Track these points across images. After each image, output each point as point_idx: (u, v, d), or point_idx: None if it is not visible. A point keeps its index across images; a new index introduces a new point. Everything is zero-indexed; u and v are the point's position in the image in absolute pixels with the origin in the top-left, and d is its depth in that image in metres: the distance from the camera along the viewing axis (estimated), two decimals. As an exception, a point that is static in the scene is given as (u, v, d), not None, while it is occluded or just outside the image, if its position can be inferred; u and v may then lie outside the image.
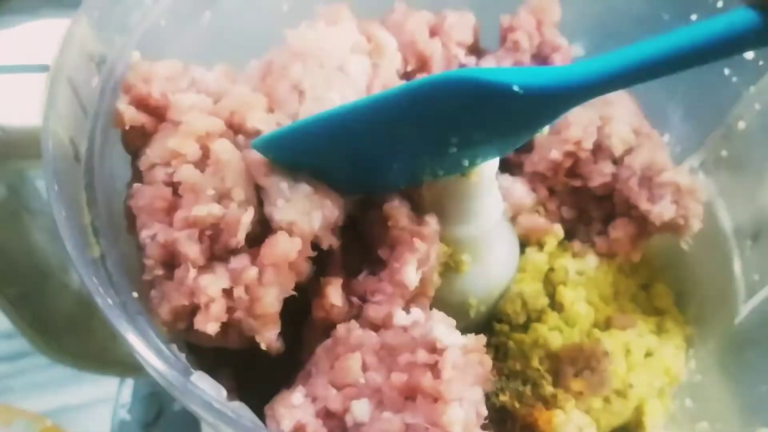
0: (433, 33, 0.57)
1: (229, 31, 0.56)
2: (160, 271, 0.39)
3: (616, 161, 0.55)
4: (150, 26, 0.48)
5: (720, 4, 0.54)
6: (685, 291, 0.59)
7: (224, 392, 0.34)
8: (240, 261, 0.39)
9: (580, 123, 0.54)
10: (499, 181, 0.56)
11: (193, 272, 0.38)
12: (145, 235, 0.39)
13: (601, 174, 0.55)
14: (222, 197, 0.40)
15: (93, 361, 0.64)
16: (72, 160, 0.40)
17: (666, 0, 0.57)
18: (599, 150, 0.55)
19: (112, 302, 0.34)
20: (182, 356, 0.37)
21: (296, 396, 0.39)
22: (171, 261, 0.39)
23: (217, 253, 0.39)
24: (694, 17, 0.56)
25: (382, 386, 0.38)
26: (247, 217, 0.39)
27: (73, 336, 0.63)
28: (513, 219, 0.58)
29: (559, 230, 0.57)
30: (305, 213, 0.41)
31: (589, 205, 0.57)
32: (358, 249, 0.46)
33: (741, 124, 0.55)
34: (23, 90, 0.42)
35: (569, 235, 0.58)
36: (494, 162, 0.49)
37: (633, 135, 0.55)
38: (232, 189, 0.40)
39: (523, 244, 0.57)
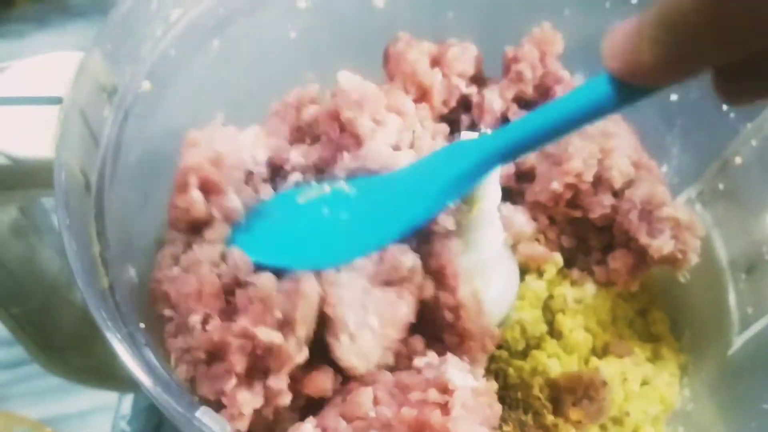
0: (435, 63, 0.58)
1: (237, 58, 0.57)
2: (202, 356, 0.40)
3: (616, 193, 0.56)
4: (160, 56, 0.49)
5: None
6: (681, 319, 0.60)
7: (228, 428, 0.35)
8: (278, 382, 0.40)
9: (580, 155, 0.55)
10: (501, 210, 0.57)
11: (233, 382, 0.39)
12: (194, 320, 0.40)
13: (601, 206, 0.56)
14: (285, 325, 0.40)
15: (96, 377, 0.65)
16: (83, 191, 0.41)
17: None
18: (599, 182, 0.55)
19: (120, 336, 0.34)
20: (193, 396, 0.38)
21: (307, 427, 0.40)
22: (215, 352, 0.40)
23: (258, 368, 0.40)
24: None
25: (392, 420, 0.39)
26: (301, 357, 0.40)
27: (76, 352, 0.64)
28: (513, 247, 0.59)
29: (558, 259, 0.58)
30: (366, 356, 0.42)
31: (588, 235, 0.58)
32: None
33: (738, 159, 0.56)
34: (35, 121, 0.43)
35: (568, 264, 0.59)
36: (496, 195, 0.50)
37: (632, 168, 0.56)
38: (298, 323, 0.40)
39: (523, 271, 0.58)
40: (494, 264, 0.55)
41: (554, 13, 0.63)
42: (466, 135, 0.48)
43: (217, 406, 0.39)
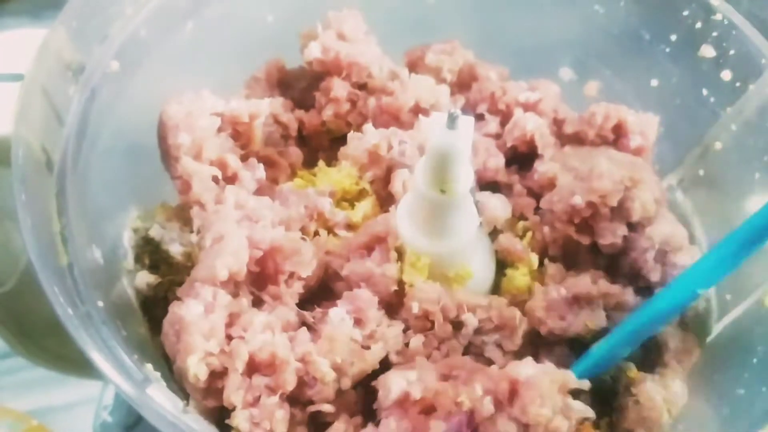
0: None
1: (212, 42, 0.57)
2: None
3: (631, 226, 0.55)
4: (130, 36, 0.49)
5: (699, 25, 0.54)
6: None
7: (181, 404, 0.34)
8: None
9: (611, 177, 0.53)
10: (476, 196, 0.57)
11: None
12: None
13: (613, 234, 0.54)
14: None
15: (73, 365, 0.64)
16: (43, 169, 0.41)
17: (645, 20, 0.57)
18: (619, 210, 0.54)
19: (72, 312, 0.34)
20: (146, 367, 0.38)
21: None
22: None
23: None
24: (673, 37, 0.56)
25: None
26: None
27: (55, 340, 0.63)
28: (494, 234, 0.58)
29: (534, 260, 0.57)
30: None
31: (578, 257, 0.57)
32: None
33: (717, 145, 0.55)
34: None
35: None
36: (468, 178, 0.49)
37: (655, 205, 0.54)
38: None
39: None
40: (469, 250, 0.54)
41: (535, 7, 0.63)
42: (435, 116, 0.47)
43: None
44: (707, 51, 0.55)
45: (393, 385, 0.46)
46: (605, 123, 0.58)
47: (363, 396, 0.49)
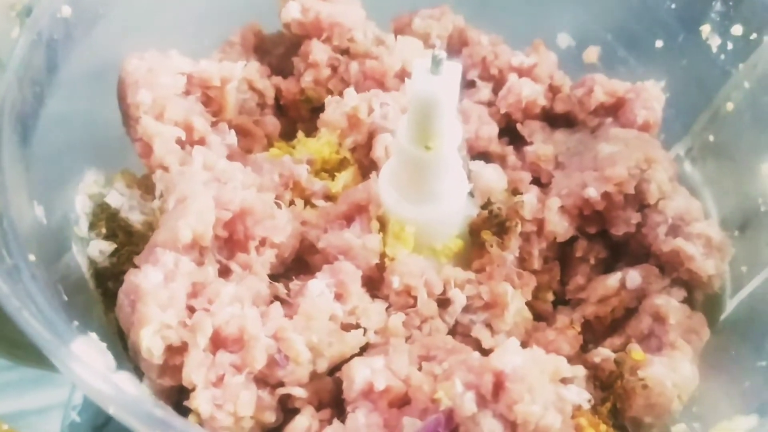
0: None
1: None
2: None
3: (644, 207, 0.50)
4: (85, -20, 0.45)
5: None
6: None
7: (113, 362, 0.29)
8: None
9: (625, 163, 0.49)
10: (469, 165, 0.52)
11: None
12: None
13: (627, 223, 0.50)
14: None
15: (32, 354, 0.59)
16: (-24, 110, 0.37)
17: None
18: (633, 195, 0.50)
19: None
20: (74, 325, 0.33)
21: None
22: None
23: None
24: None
25: None
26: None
27: (12, 325, 0.59)
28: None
29: None
30: None
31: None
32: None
33: (729, 106, 0.51)
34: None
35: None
36: (455, 136, 0.45)
37: (670, 184, 0.50)
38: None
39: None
40: (458, 219, 0.50)
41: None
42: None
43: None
44: (716, 4, 0.50)
45: (356, 374, 0.41)
46: (599, 102, 0.55)
47: (338, 386, 0.44)
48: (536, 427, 0.38)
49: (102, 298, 0.44)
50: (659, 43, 0.55)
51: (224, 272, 0.44)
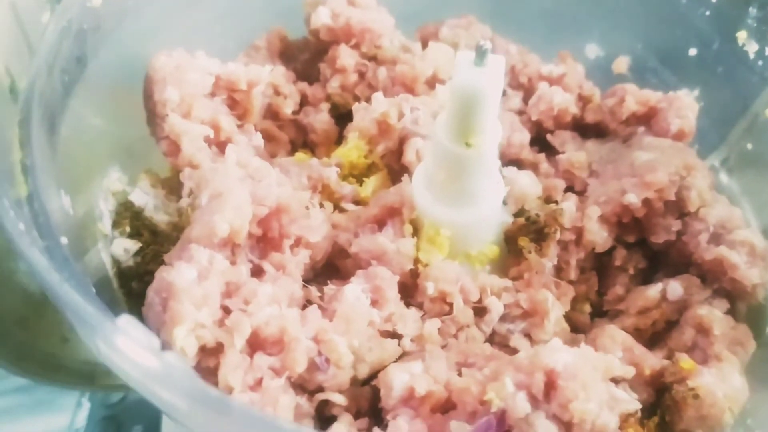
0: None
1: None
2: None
3: (684, 215, 0.49)
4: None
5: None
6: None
7: (157, 341, 0.27)
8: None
9: (666, 168, 0.48)
10: (504, 172, 0.51)
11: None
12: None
13: (667, 231, 0.49)
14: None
15: (38, 366, 0.57)
16: (6, 92, 0.35)
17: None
18: (673, 202, 0.48)
19: (17, 231, 0.27)
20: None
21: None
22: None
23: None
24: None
25: None
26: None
27: (20, 334, 0.56)
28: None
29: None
30: None
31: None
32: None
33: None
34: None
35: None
36: (496, 134, 0.43)
37: (710, 192, 0.49)
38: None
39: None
40: (494, 225, 0.48)
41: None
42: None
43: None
44: (753, 9, 0.50)
45: (395, 380, 0.38)
46: (630, 111, 0.54)
47: (375, 395, 0.41)
48: (593, 427, 0.36)
49: (125, 299, 0.42)
50: (693, 51, 0.54)
51: (256, 273, 0.42)
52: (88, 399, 0.70)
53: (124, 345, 0.24)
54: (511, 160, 0.53)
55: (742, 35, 0.51)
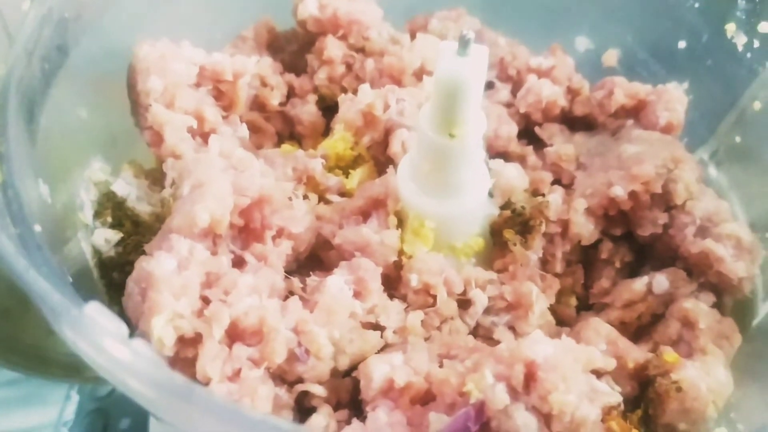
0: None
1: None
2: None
3: (671, 208, 0.49)
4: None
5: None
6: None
7: (125, 328, 0.27)
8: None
9: (653, 161, 0.48)
10: (491, 164, 0.50)
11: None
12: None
13: (653, 224, 0.48)
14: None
15: (23, 358, 0.56)
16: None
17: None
18: (661, 194, 0.48)
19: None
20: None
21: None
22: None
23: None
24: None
25: None
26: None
27: (4, 326, 0.56)
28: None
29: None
30: None
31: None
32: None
33: (756, 105, 0.49)
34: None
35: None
36: (480, 125, 0.43)
37: (697, 185, 0.49)
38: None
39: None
40: (479, 217, 0.48)
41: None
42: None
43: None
44: (741, 2, 0.49)
45: (375, 371, 0.38)
46: (619, 104, 0.53)
47: (355, 387, 0.41)
48: (572, 419, 0.35)
49: (106, 289, 0.41)
50: (682, 44, 0.54)
51: (238, 264, 0.42)
52: (76, 392, 0.70)
53: (90, 332, 0.23)
54: (498, 153, 0.53)
55: (731, 28, 0.50)
